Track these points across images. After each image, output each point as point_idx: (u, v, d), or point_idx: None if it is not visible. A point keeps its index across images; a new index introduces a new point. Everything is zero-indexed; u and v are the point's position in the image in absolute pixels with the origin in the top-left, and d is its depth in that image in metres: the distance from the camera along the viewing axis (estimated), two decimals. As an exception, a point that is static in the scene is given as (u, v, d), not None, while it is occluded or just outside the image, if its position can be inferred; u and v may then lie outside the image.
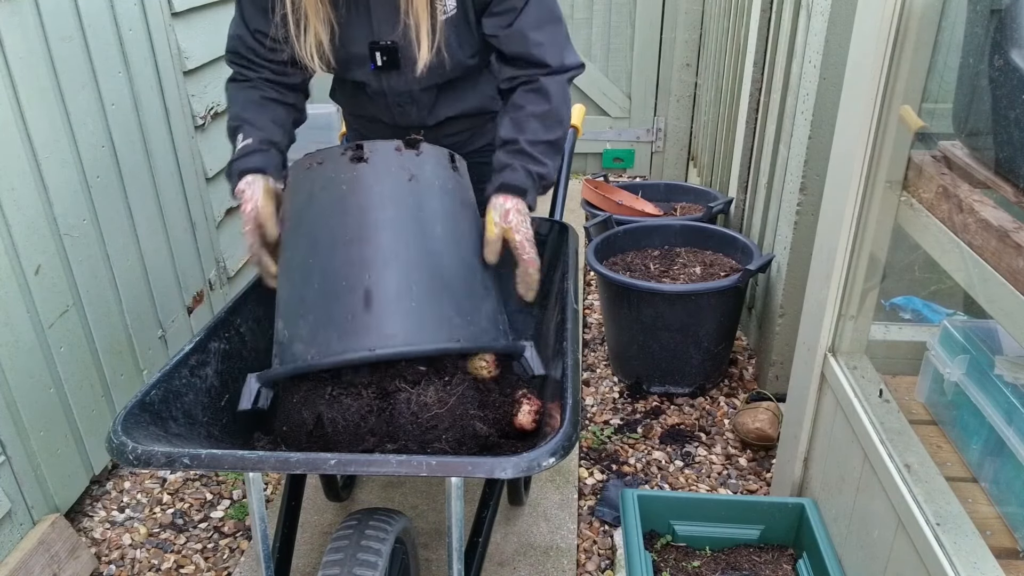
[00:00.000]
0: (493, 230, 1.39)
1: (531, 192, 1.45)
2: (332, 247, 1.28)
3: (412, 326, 1.24)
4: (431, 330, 1.26)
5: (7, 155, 1.75)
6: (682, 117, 4.30)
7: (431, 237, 1.31)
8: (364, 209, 1.28)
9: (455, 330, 1.27)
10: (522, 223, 1.40)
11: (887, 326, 1.89)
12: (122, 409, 1.15)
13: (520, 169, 1.44)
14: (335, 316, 1.24)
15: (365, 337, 1.23)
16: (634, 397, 2.59)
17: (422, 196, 1.33)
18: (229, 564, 1.96)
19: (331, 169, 1.32)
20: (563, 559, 1.90)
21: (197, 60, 2.53)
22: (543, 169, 1.46)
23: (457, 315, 1.29)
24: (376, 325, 1.23)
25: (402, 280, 1.25)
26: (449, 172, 1.39)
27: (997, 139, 1.22)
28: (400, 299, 1.24)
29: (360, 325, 1.23)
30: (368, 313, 1.23)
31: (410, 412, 1.26)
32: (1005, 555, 1.33)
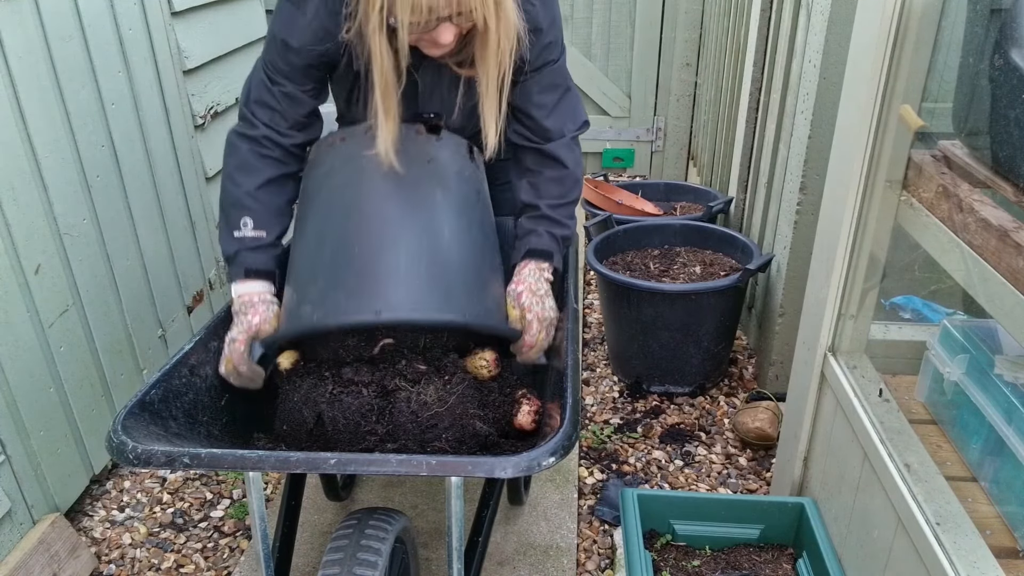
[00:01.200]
0: (513, 313, 1.42)
1: (556, 255, 1.49)
2: (347, 216, 1.31)
3: (420, 296, 1.27)
4: (438, 302, 1.28)
5: (7, 155, 1.75)
6: (682, 116, 4.30)
7: (445, 217, 1.34)
8: (381, 184, 1.32)
9: (462, 306, 1.29)
10: (535, 304, 1.41)
11: (887, 326, 1.89)
12: (122, 408, 1.15)
13: (544, 234, 1.48)
14: (345, 279, 1.27)
15: (372, 300, 1.24)
16: (634, 396, 2.59)
17: (439, 178, 1.36)
18: (229, 564, 1.96)
19: (353, 146, 1.37)
20: (563, 558, 1.90)
21: (197, 59, 2.53)
22: (565, 231, 1.51)
23: (464, 293, 1.31)
24: (384, 291, 1.25)
25: (413, 253, 1.28)
26: (466, 160, 1.43)
27: (997, 138, 1.22)
28: (410, 270, 1.27)
29: (368, 288, 1.25)
30: (377, 279, 1.26)
31: (410, 411, 1.26)
32: (1005, 554, 1.33)
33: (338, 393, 1.29)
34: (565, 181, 1.51)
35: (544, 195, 1.50)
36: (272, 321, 1.37)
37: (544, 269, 1.47)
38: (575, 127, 1.52)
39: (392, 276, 1.26)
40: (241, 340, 1.35)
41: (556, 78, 1.47)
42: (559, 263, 1.50)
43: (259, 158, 1.42)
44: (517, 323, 1.41)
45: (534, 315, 1.40)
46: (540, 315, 1.41)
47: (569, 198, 1.52)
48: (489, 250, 1.42)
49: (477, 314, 1.31)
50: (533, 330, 1.39)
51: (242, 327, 1.36)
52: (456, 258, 1.32)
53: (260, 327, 1.36)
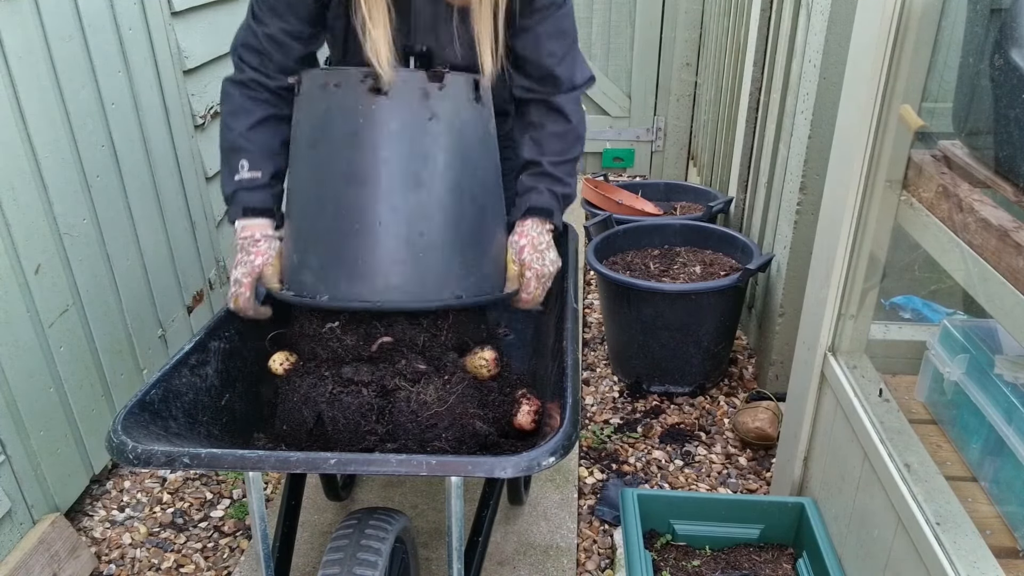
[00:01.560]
0: (512, 268, 1.43)
1: (557, 213, 1.49)
2: (345, 184, 1.29)
3: (416, 280, 1.30)
4: (434, 285, 1.31)
5: (7, 155, 1.75)
6: (682, 116, 4.30)
7: (446, 181, 1.31)
8: (379, 148, 1.28)
9: (458, 283, 1.32)
10: (536, 260, 1.43)
11: (887, 325, 1.89)
12: (122, 408, 1.15)
13: (545, 191, 1.48)
14: (344, 256, 1.29)
15: (371, 284, 1.28)
16: (634, 396, 2.59)
17: (441, 137, 1.31)
18: (229, 563, 1.96)
19: (348, 97, 1.30)
20: (563, 558, 1.90)
21: (197, 59, 2.53)
22: (566, 189, 1.50)
23: (462, 265, 1.33)
24: (383, 274, 1.28)
25: (412, 227, 1.29)
26: (471, 105, 1.36)
27: (997, 138, 1.22)
28: (408, 248, 1.29)
29: (368, 271, 1.28)
30: (376, 259, 1.28)
31: (410, 411, 1.26)
32: (1005, 554, 1.33)
33: (338, 393, 1.29)
34: (567, 136, 1.50)
35: (546, 151, 1.49)
36: (274, 261, 1.40)
37: (546, 227, 1.48)
38: (583, 80, 1.50)
39: (390, 256, 1.28)
40: (246, 285, 1.39)
41: (564, 24, 1.46)
42: (559, 222, 1.50)
43: (250, 100, 1.44)
44: (515, 280, 1.43)
45: (533, 273, 1.42)
46: (539, 272, 1.43)
47: (571, 155, 1.51)
48: (491, 200, 1.40)
49: (474, 286, 1.34)
50: (531, 288, 1.42)
51: (246, 268, 1.39)
52: (456, 225, 1.32)
53: (263, 268, 1.39)
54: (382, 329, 1.38)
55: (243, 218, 1.42)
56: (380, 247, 1.28)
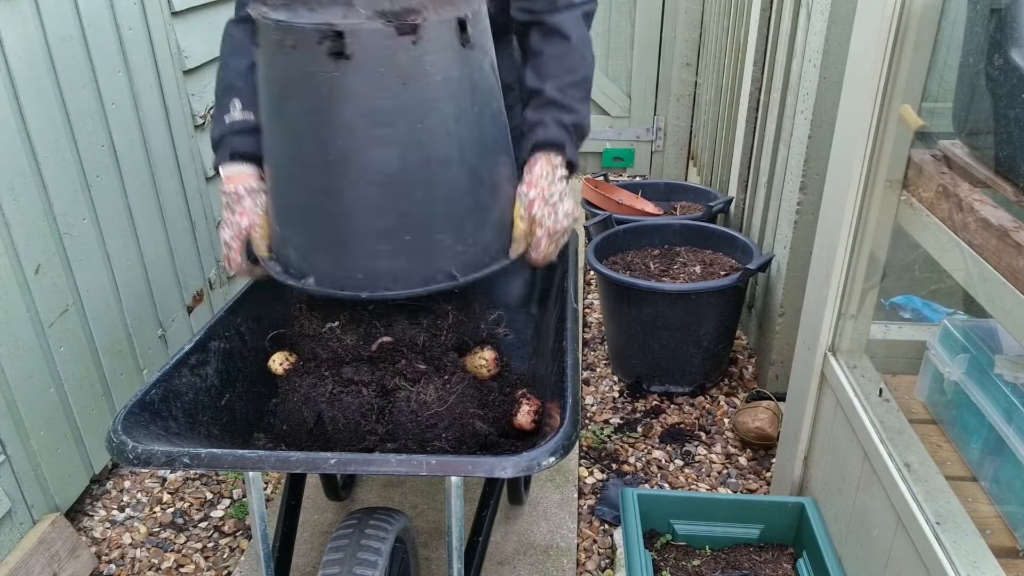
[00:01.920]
0: (520, 225, 1.28)
1: (569, 145, 1.33)
2: (315, 163, 1.17)
3: (404, 262, 1.21)
4: (425, 267, 1.22)
5: (7, 155, 1.75)
6: (682, 116, 4.30)
7: (432, 150, 1.17)
8: (350, 125, 1.13)
9: (452, 260, 1.23)
10: (547, 215, 1.28)
11: (887, 325, 1.89)
12: (122, 408, 1.15)
13: (551, 123, 1.32)
14: (326, 239, 1.22)
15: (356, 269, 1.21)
16: (634, 396, 2.59)
17: (420, 101, 1.14)
18: (229, 563, 1.96)
19: (307, 61, 1.11)
20: (563, 558, 1.90)
21: (197, 59, 2.53)
22: (575, 117, 1.34)
23: (457, 240, 1.22)
24: (367, 258, 1.21)
25: (393, 206, 1.17)
26: (456, 54, 1.15)
27: (997, 138, 1.22)
28: (391, 229, 1.18)
29: (351, 255, 1.21)
30: (358, 243, 1.20)
31: (410, 411, 1.26)
32: (1005, 554, 1.33)
33: (338, 393, 1.29)
34: (569, 56, 1.36)
35: (547, 75, 1.34)
36: (262, 223, 1.33)
37: (557, 165, 1.31)
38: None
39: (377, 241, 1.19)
40: (236, 249, 1.34)
41: None
42: (573, 155, 1.34)
43: (250, 37, 1.33)
44: (523, 238, 1.29)
45: (544, 231, 1.28)
46: (551, 229, 1.28)
47: (576, 76, 1.36)
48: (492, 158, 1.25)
49: (471, 260, 1.23)
50: (541, 247, 1.28)
51: (233, 231, 1.34)
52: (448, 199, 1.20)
53: (250, 231, 1.34)
54: (382, 329, 1.38)
55: (229, 163, 1.34)
56: (361, 230, 1.19)
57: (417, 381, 1.30)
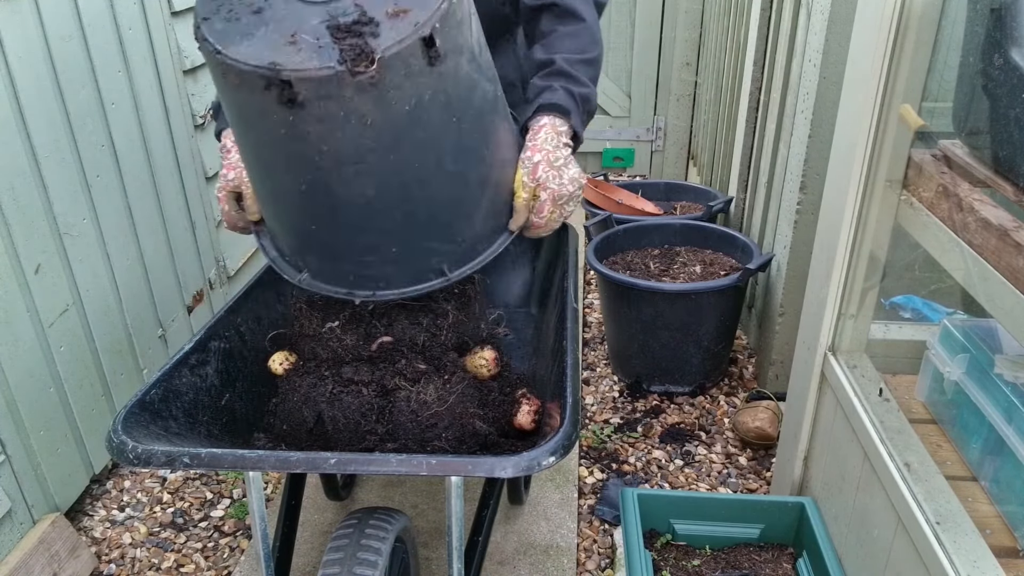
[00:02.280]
0: (522, 195, 1.23)
1: (575, 114, 1.28)
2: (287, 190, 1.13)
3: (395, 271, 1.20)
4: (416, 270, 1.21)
5: (7, 154, 1.75)
6: (682, 116, 4.30)
7: (407, 174, 1.10)
8: (316, 163, 1.06)
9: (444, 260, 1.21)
10: (552, 178, 1.22)
11: (887, 325, 1.89)
12: (122, 408, 1.15)
13: (560, 89, 1.28)
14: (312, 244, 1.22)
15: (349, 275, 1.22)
16: (634, 396, 2.59)
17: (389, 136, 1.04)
18: (229, 563, 1.96)
19: (257, 103, 1.00)
20: (563, 558, 1.90)
21: (197, 59, 2.53)
22: (585, 90, 1.30)
23: (447, 242, 1.20)
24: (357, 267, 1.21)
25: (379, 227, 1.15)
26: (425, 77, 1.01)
27: (997, 138, 1.22)
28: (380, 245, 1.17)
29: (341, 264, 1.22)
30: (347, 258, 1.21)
31: (410, 410, 1.26)
32: (1005, 554, 1.33)
33: (338, 392, 1.29)
34: (581, 35, 1.33)
35: (558, 49, 1.31)
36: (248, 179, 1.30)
37: (562, 132, 1.26)
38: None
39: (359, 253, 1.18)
40: (222, 199, 1.35)
41: None
42: (579, 126, 1.29)
43: None
44: (525, 208, 1.24)
45: (549, 194, 1.22)
46: (556, 193, 1.23)
47: (588, 54, 1.32)
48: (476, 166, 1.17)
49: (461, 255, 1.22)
50: (545, 212, 1.23)
51: (220, 183, 1.35)
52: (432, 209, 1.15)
53: (237, 183, 1.33)
54: (382, 329, 1.38)
55: (228, 128, 1.35)
56: (345, 246, 1.19)
57: (417, 381, 1.30)
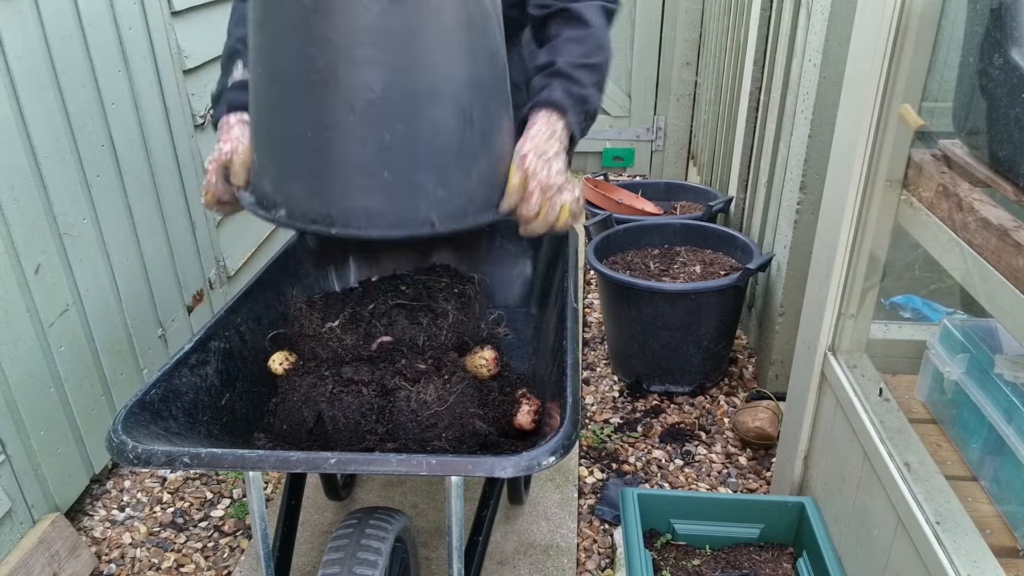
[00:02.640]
0: (513, 180, 1.23)
1: (571, 112, 1.27)
2: (297, 83, 1.11)
3: (382, 201, 1.14)
4: (403, 209, 1.15)
5: (7, 154, 1.75)
6: (682, 116, 4.30)
7: (419, 78, 1.10)
8: (334, 42, 1.07)
9: (433, 207, 1.16)
10: (540, 168, 1.22)
11: (887, 325, 1.89)
12: (122, 408, 1.15)
13: (558, 87, 1.27)
14: (301, 168, 1.15)
15: (330, 202, 1.15)
16: (634, 396, 2.59)
17: (410, 23, 1.07)
18: (229, 563, 1.96)
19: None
20: (563, 558, 1.90)
21: (197, 59, 2.53)
22: (585, 91, 1.29)
23: (440, 186, 1.15)
24: (343, 191, 1.14)
25: (378, 139, 1.11)
26: None
27: (997, 137, 1.22)
28: (370, 163, 1.12)
29: (326, 187, 1.15)
30: (335, 175, 1.14)
31: (410, 410, 1.26)
32: (1005, 554, 1.33)
33: (338, 392, 1.29)
34: (586, 40, 1.32)
35: (561, 52, 1.31)
36: (243, 151, 1.29)
37: (557, 129, 1.26)
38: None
39: (353, 174, 1.13)
40: (211, 170, 1.32)
41: None
42: (576, 127, 1.28)
43: None
44: (516, 191, 1.23)
45: (537, 183, 1.22)
46: (544, 182, 1.22)
47: (591, 59, 1.31)
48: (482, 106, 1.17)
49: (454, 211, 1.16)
50: (532, 201, 1.22)
51: (213, 155, 1.32)
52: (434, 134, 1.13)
53: (231, 156, 1.30)
54: (382, 329, 1.38)
55: (227, 114, 1.34)
56: (338, 161, 1.12)
57: (417, 381, 1.30)
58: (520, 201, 1.23)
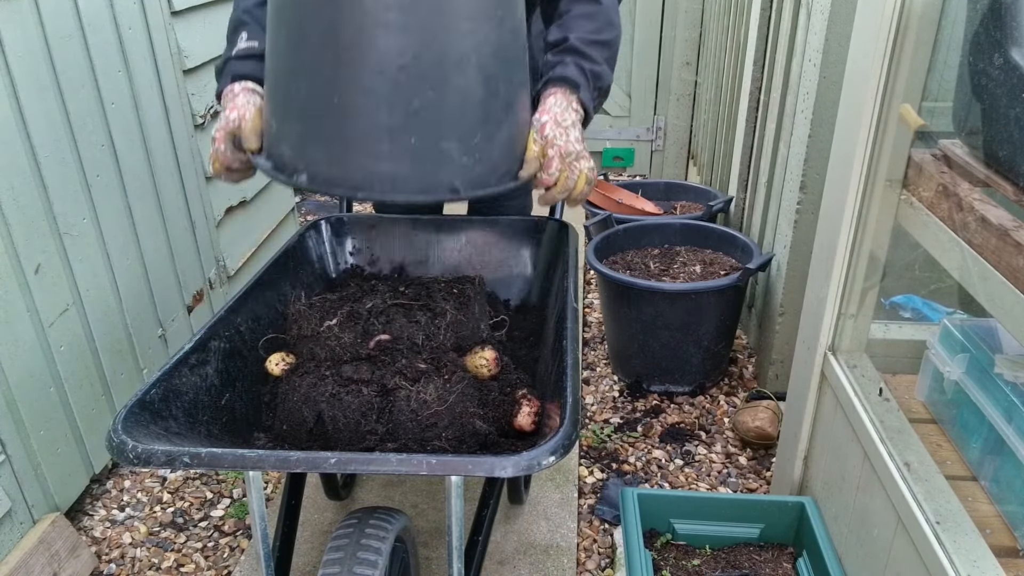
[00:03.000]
0: (532, 147, 1.26)
1: (584, 88, 1.30)
2: (322, 46, 1.11)
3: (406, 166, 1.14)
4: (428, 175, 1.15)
5: (7, 154, 1.75)
6: (682, 116, 4.30)
7: (448, 46, 1.11)
8: (364, 7, 1.08)
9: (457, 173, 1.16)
10: (559, 135, 1.26)
11: (887, 325, 1.89)
12: (122, 408, 1.15)
13: (571, 64, 1.31)
14: (324, 132, 1.15)
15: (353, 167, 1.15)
16: (634, 396, 2.59)
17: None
18: (229, 563, 1.96)
19: None
20: (563, 558, 1.90)
21: (197, 59, 2.53)
22: (597, 67, 1.32)
23: (464, 152, 1.16)
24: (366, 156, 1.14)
25: (406, 104, 1.11)
26: None
27: (997, 138, 1.22)
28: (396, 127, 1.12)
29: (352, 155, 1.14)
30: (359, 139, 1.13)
31: (410, 410, 1.26)
32: (1005, 553, 1.33)
33: (338, 392, 1.29)
34: (597, 17, 1.35)
35: (572, 28, 1.33)
36: (252, 117, 1.30)
37: (571, 101, 1.29)
38: None
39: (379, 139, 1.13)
40: (219, 138, 1.32)
41: None
42: (589, 101, 1.32)
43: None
44: (535, 159, 1.26)
45: (556, 151, 1.25)
46: (563, 149, 1.25)
47: (601, 36, 1.34)
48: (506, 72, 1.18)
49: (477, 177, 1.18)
50: (553, 168, 1.25)
51: (220, 123, 1.32)
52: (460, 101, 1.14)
53: (239, 123, 1.31)
54: (380, 327, 1.38)
55: (231, 83, 1.34)
56: (364, 126, 1.12)
57: (417, 380, 1.30)
58: (539, 169, 1.24)
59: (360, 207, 3.79)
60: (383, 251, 1.80)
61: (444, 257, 1.79)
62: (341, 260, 1.80)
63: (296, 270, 1.68)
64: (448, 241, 1.80)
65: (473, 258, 1.79)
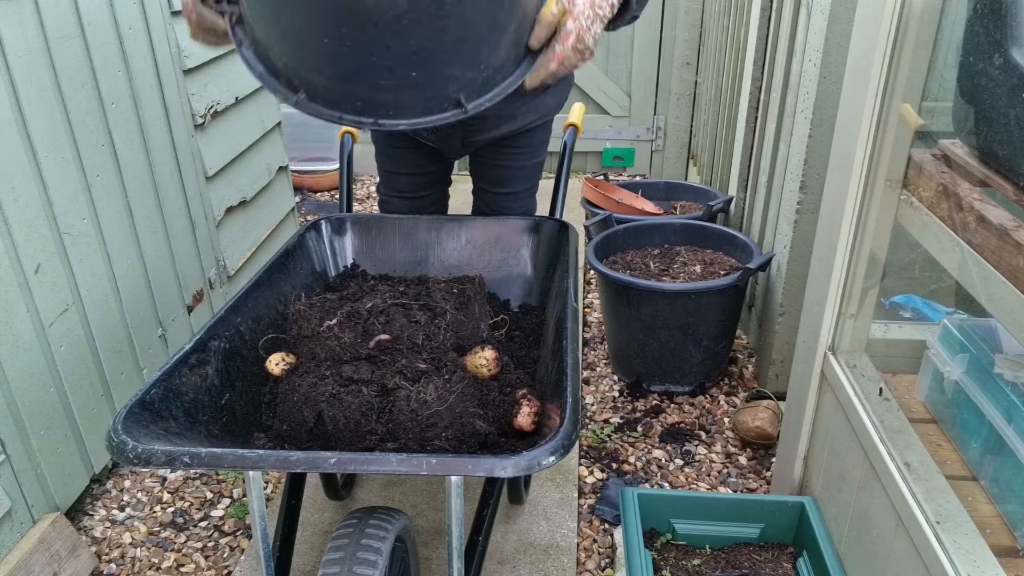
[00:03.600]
0: (552, 8, 1.17)
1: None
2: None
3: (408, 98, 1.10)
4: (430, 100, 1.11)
5: (7, 154, 1.75)
6: (682, 116, 4.30)
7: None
8: None
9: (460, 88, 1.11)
10: (585, 16, 1.17)
11: (887, 324, 1.89)
12: (122, 408, 1.15)
13: None
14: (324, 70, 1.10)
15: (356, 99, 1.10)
16: (634, 395, 2.59)
17: None
18: (229, 563, 1.96)
19: None
20: (563, 558, 1.90)
21: (197, 59, 2.53)
22: None
23: (469, 68, 1.11)
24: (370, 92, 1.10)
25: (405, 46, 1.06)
26: None
27: (997, 137, 1.22)
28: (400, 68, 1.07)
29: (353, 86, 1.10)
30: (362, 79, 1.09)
31: (410, 410, 1.26)
32: (1005, 553, 1.33)
33: (338, 392, 1.29)
34: None
35: None
36: None
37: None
38: None
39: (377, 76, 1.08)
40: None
41: None
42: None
43: None
44: (550, 23, 1.17)
45: (576, 26, 1.18)
46: (581, 31, 1.18)
47: None
48: None
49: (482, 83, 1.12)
50: (569, 43, 1.18)
51: None
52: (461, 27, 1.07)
53: None
54: (380, 327, 1.38)
55: None
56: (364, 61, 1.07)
57: (417, 380, 1.30)
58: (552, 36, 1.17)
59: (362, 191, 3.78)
60: (383, 251, 1.80)
61: (444, 257, 1.79)
62: (341, 260, 1.80)
63: (296, 270, 1.68)
64: (448, 241, 1.80)
65: (473, 258, 1.79)
